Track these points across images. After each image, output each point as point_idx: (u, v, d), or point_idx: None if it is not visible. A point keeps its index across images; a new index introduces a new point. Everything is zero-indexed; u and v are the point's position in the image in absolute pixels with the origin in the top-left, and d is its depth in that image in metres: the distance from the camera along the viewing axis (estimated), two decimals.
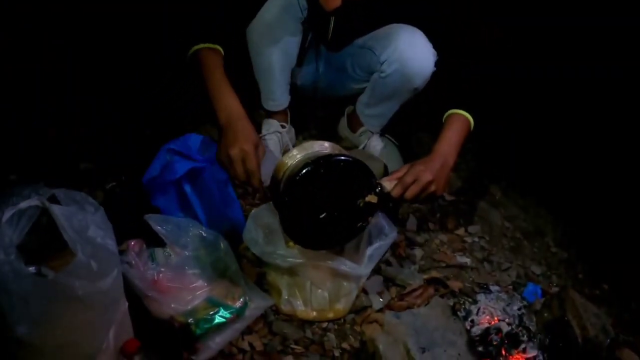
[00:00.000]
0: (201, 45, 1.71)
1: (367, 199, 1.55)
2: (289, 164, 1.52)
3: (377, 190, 1.56)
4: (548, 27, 2.57)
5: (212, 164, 1.68)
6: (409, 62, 1.90)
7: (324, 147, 1.57)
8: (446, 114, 1.78)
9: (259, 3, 1.87)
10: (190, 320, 1.47)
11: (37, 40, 2.19)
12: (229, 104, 1.63)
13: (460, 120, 1.75)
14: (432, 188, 1.61)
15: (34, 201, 1.26)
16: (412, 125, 2.46)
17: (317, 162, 1.46)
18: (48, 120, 2.09)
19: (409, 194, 1.59)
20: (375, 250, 1.67)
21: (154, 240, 1.60)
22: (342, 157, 1.51)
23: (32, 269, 1.21)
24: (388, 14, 1.95)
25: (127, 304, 1.36)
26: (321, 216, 1.52)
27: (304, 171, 1.45)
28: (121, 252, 1.50)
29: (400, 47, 1.90)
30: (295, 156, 1.53)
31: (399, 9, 1.91)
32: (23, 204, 1.25)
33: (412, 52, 1.90)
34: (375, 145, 2.22)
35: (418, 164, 1.64)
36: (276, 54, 1.93)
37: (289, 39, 1.93)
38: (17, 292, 1.14)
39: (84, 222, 1.25)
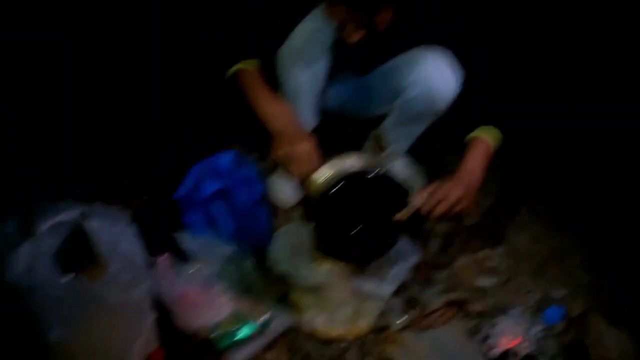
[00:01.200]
0: (240, 65, 1.81)
1: (397, 216, 1.58)
2: (321, 180, 1.56)
3: (407, 207, 1.60)
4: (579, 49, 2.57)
5: (242, 182, 1.74)
6: (433, 84, 1.92)
7: (356, 161, 1.60)
8: (468, 137, 1.82)
9: (291, 27, 1.92)
10: (214, 334, 1.51)
11: (72, 57, 2.27)
12: (283, 110, 1.73)
13: (484, 141, 1.80)
14: (460, 206, 1.66)
15: (70, 214, 1.33)
16: (437, 147, 2.47)
17: (350, 178, 1.50)
18: (82, 136, 2.16)
19: (438, 210, 1.63)
20: (397, 271, 1.70)
21: (183, 256, 1.65)
22: (374, 174, 1.54)
23: (66, 278, 1.25)
24: (412, 38, 1.99)
25: (154, 315, 1.41)
26: (353, 232, 1.56)
27: (337, 186, 1.49)
28: (151, 267, 1.53)
29: (425, 70, 1.93)
30: (328, 171, 1.57)
31: (421, 34, 1.95)
32: (61, 217, 1.32)
33: (436, 74, 1.92)
34: (401, 166, 2.24)
35: (446, 182, 1.69)
36: (305, 77, 1.97)
37: (317, 63, 1.97)
38: (52, 297, 1.21)
39: (116, 236, 1.32)
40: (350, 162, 1.62)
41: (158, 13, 2.49)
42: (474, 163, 1.77)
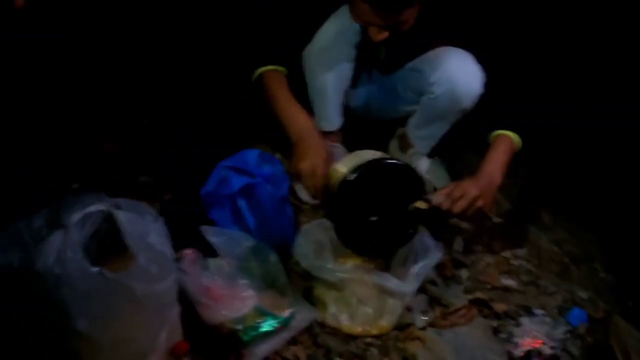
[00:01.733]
0: (266, 68, 1.86)
1: (417, 204, 1.59)
2: (342, 170, 1.57)
3: (426, 197, 1.61)
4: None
5: (267, 179, 1.76)
6: (457, 83, 1.94)
7: (375, 154, 1.62)
8: (492, 135, 1.84)
9: (316, 27, 1.94)
10: (238, 327, 1.52)
11: (95, 57, 2.30)
12: (299, 119, 1.77)
13: (506, 141, 1.82)
14: (479, 203, 1.67)
15: (100, 206, 1.34)
16: (460, 147, 2.47)
17: (370, 165, 1.51)
18: (106, 133, 2.21)
19: (457, 207, 1.65)
20: (420, 268, 1.70)
21: (208, 251, 1.66)
22: (394, 161, 1.56)
23: (95, 269, 1.25)
24: (436, 38, 2.00)
25: (179, 308, 1.43)
26: (372, 220, 1.56)
27: (357, 173, 1.50)
28: (177, 260, 1.56)
29: (449, 69, 1.95)
30: (348, 162, 1.59)
31: (446, 33, 1.96)
32: (90, 208, 1.33)
33: (460, 73, 1.94)
34: (425, 166, 2.25)
35: (466, 181, 1.72)
36: (330, 76, 1.99)
37: (343, 62, 1.99)
38: (81, 288, 1.21)
39: (144, 228, 1.33)
40: (372, 154, 1.62)
41: (163, 14, 2.52)
42: (495, 163, 1.80)
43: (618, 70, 2.52)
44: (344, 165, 1.59)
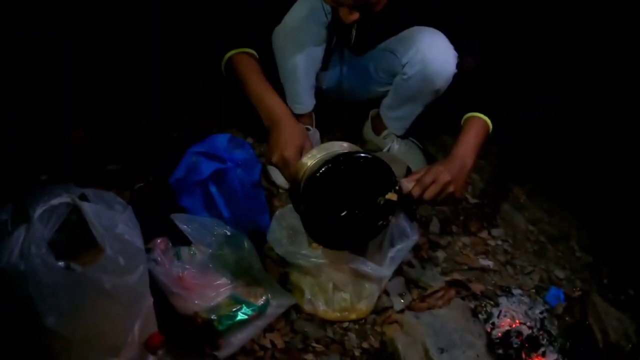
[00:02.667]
0: (236, 51, 1.78)
1: (387, 196, 1.56)
2: (308, 164, 1.53)
3: (396, 188, 1.58)
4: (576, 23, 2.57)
5: (238, 164, 1.72)
6: (430, 63, 1.92)
7: (343, 147, 1.58)
8: (465, 117, 1.81)
9: (286, 8, 1.90)
10: (213, 316, 1.50)
11: (62, 43, 2.23)
12: (272, 104, 1.68)
13: (478, 123, 1.78)
14: (451, 189, 1.63)
15: (64, 199, 1.29)
16: (436, 128, 2.47)
17: (337, 160, 1.47)
18: (76, 121, 2.14)
19: (428, 194, 1.60)
20: (397, 252, 1.69)
21: (180, 239, 1.64)
22: (362, 155, 1.51)
23: (61, 263, 1.23)
24: (408, 18, 1.97)
25: (152, 299, 1.39)
26: (342, 214, 1.54)
27: (324, 168, 1.46)
28: (148, 250, 1.53)
29: (422, 49, 1.92)
30: (315, 156, 1.53)
31: (418, 13, 1.93)
32: (54, 201, 1.29)
33: (433, 53, 1.92)
34: (399, 147, 2.24)
35: (437, 166, 1.66)
36: (301, 57, 1.96)
37: (313, 43, 1.95)
38: (47, 284, 1.18)
39: (112, 219, 1.29)
40: (338, 146, 1.58)
41: (157, 12, 2.47)
42: (467, 146, 1.74)
43: (592, 62, 2.54)
44: (310, 159, 1.54)
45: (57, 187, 1.33)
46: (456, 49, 1.92)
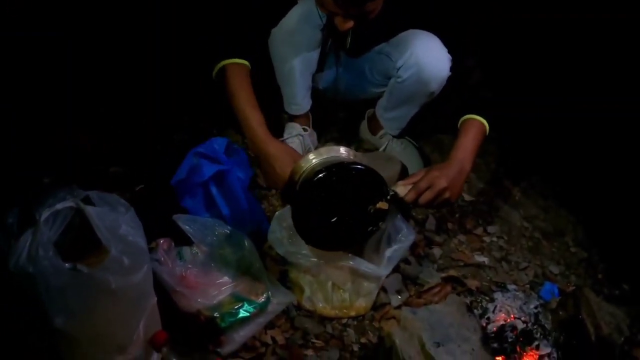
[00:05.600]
0: (229, 61, 1.78)
1: (377, 205, 1.59)
2: (304, 167, 1.56)
3: (388, 196, 1.60)
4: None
5: (237, 166, 1.75)
6: (425, 66, 1.94)
7: (340, 152, 1.61)
8: (461, 120, 1.82)
9: (282, 13, 1.93)
10: (215, 314, 1.53)
11: (62, 43, 2.24)
12: (255, 132, 1.68)
13: (475, 125, 1.79)
14: (446, 195, 1.64)
15: (69, 202, 1.32)
16: (431, 128, 2.49)
17: (330, 170, 1.50)
18: (79, 125, 2.17)
19: (423, 199, 1.62)
20: (394, 251, 1.71)
21: (182, 239, 1.67)
22: (355, 166, 1.54)
23: (68, 265, 1.25)
24: (405, 21, 1.99)
25: (156, 298, 1.42)
26: (332, 220, 1.57)
27: (318, 177, 1.49)
28: (151, 250, 1.56)
29: (416, 52, 1.94)
30: (311, 160, 1.56)
31: (415, 16, 1.95)
32: (59, 205, 1.32)
33: (428, 57, 1.94)
34: (395, 147, 2.26)
35: (434, 170, 1.67)
36: (297, 59, 1.98)
37: (309, 46, 1.98)
38: (55, 286, 1.21)
39: (116, 221, 1.32)
40: (335, 152, 1.61)
41: (158, 13, 2.49)
42: (465, 150, 1.75)
43: (593, 61, 2.55)
44: (306, 163, 1.57)
45: (60, 191, 1.36)
46: (453, 51, 1.94)
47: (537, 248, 2.17)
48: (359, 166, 1.54)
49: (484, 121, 1.80)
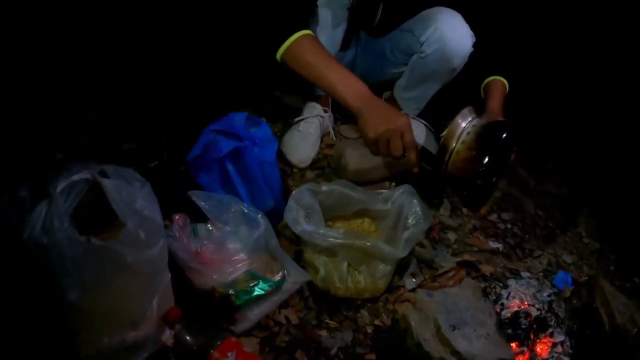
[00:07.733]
0: (296, 36, 1.69)
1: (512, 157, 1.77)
2: (459, 133, 1.66)
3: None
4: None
5: (255, 143, 1.73)
6: (449, 41, 1.96)
7: (473, 114, 1.72)
8: (484, 83, 2.01)
9: None
10: (230, 291, 1.51)
11: (77, 28, 2.22)
12: (359, 87, 1.66)
13: (499, 83, 2.00)
14: None
15: (85, 174, 1.30)
16: (446, 114, 2.47)
17: (509, 128, 1.64)
18: (91, 102, 2.15)
19: None
20: (411, 234, 1.69)
21: (197, 216, 1.65)
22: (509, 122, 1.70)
23: (83, 237, 1.22)
24: (426, 1, 2.00)
25: (170, 274, 1.41)
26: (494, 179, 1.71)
27: (504, 136, 1.62)
28: (166, 226, 1.53)
29: (441, 27, 1.97)
30: (460, 124, 1.68)
31: None
32: (75, 177, 1.30)
33: (452, 32, 1.96)
34: (414, 128, 2.24)
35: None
36: (322, 38, 1.95)
37: (335, 25, 1.95)
38: (70, 258, 1.18)
39: (131, 194, 1.30)
40: (470, 113, 1.72)
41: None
42: (498, 101, 1.95)
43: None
44: (458, 129, 1.67)
45: (76, 165, 1.34)
46: (475, 27, 1.98)
47: (550, 237, 2.17)
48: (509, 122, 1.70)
49: (505, 81, 2.00)
